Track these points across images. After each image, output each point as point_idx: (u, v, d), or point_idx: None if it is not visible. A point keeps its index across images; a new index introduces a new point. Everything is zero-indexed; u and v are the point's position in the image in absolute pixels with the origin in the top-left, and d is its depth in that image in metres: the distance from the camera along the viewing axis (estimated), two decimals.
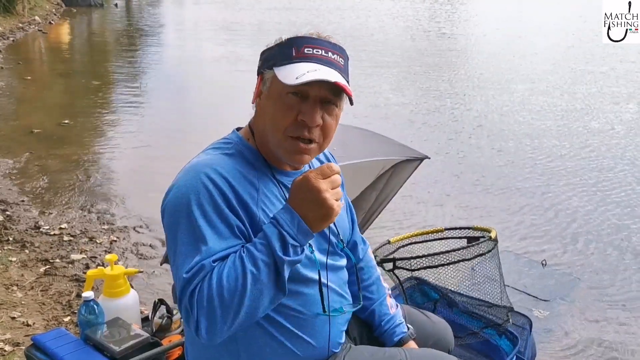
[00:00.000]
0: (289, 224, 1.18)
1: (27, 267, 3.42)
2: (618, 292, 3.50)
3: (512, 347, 2.20)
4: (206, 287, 1.14)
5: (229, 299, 1.14)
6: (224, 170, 1.25)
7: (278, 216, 1.19)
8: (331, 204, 1.17)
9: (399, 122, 6.96)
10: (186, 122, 6.97)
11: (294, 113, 1.27)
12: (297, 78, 1.23)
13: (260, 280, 1.16)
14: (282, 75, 1.26)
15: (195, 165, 1.28)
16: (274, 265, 1.17)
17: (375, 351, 1.51)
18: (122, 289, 2.00)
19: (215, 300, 1.13)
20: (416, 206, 4.62)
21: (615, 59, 11.57)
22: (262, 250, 1.17)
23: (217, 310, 1.14)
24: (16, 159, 5.34)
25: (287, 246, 1.17)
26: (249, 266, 1.15)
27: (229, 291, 1.14)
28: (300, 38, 1.29)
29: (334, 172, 1.19)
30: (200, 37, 14.01)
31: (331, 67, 1.28)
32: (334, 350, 1.45)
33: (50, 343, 1.78)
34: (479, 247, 2.21)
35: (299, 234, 1.18)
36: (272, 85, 1.30)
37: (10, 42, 11.41)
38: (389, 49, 12.24)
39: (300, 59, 1.27)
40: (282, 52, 1.28)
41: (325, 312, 1.36)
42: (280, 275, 1.18)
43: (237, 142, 1.36)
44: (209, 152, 1.34)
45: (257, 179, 1.31)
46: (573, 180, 5.36)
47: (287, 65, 1.27)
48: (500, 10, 21.52)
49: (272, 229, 1.18)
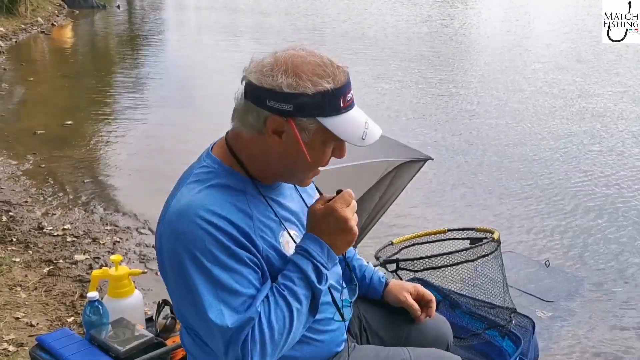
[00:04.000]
0: (320, 255, 1.24)
1: (30, 267, 3.43)
2: (622, 293, 3.50)
3: (514, 348, 2.20)
4: (257, 333, 1.18)
5: (279, 338, 1.20)
6: (217, 208, 1.22)
7: (308, 247, 1.24)
8: (356, 231, 1.26)
9: (400, 122, 6.97)
10: (190, 123, 6.97)
11: (331, 152, 1.31)
12: (363, 139, 1.26)
13: (303, 313, 1.24)
14: (341, 131, 1.24)
15: (184, 209, 1.23)
16: (312, 297, 1.24)
17: (379, 350, 1.52)
18: (127, 290, 2.01)
19: (267, 342, 1.19)
20: (419, 207, 4.62)
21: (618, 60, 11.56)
22: (301, 285, 1.23)
23: (269, 349, 1.20)
24: (19, 160, 5.35)
25: (322, 276, 1.24)
26: (294, 304, 1.21)
27: (279, 331, 1.21)
28: (344, 86, 1.25)
29: (353, 198, 1.27)
30: (203, 40, 14.02)
31: (357, 108, 1.30)
32: (337, 350, 1.46)
33: (55, 343, 1.79)
34: (482, 248, 2.21)
35: (329, 262, 1.25)
36: (317, 135, 1.25)
37: (13, 44, 11.43)
38: (390, 49, 12.25)
39: (347, 108, 1.25)
40: (330, 104, 1.23)
41: (343, 319, 1.37)
42: (317, 303, 1.26)
43: (219, 170, 1.30)
44: (192, 188, 1.27)
45: (249, 206, 1.28)
46: (576, 180, 5.35)
47: (337, 117, 1.24)
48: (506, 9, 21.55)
49: (305, 262, 1.23)
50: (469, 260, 2.19)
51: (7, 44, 11.12)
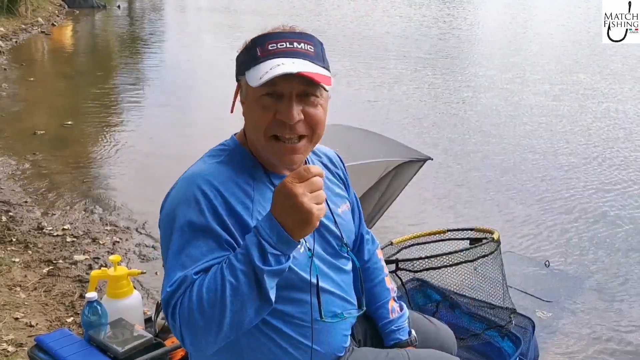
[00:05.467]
0: (268, 233, 1.14)
1: (30, 267, 3.42)
2: (622, 293, 3.49)
3: (514, 348, 2.20)
4: (187, 299, 1.14)
5: (209, 310, 1.12)
6: (216, 181, 1.24)
7: (258, 225, 1.16)
8: (309, 208, 1.11)
9: (401, 122, 6.96)
10: (190, 123, 6.97)
11: (271, 113, 1.25)
12: (260, 78, 1.20)
13: (240, 291, 1.12)
14: (250, 79, 1.24)
15: (189, 175, 1.29)
16: (253, 276, 1.13)
17: (378, 353, 1.51)
18: (126, 290, 2.01)
19: (195, 312, 1.12)
20: (419, 207, 4.61)
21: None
22: (241, 260, 1.14)
23: (199, 322, 1.12)
24: (19, 160, 5.35)
25: (267, 255, 1.13)
26: (228, 277, 1.12)
27: (209, 303, 1.12)
28: (263, 36, 1.27)
29: (311, 174, 1.13)
30: (203, 41, 14.03)
31: (297, 58, 1.24)
32: (338, 354, 1.44)
33: (53, 344, 1.79)
34: (481, 249, 2.22)
35: (279, 242, 1.14)
36: (248, 91, 1.28)
37: (14, 44, 11.43)
38: (392, 49, 12.25)
39: (265, 57, 1.23)
40: (249, 55, 1.26)
41: (323, 319, 1.33)
42: (262, 285, 1.13)
43: (233, 148, 1.35)
44: (205, 160, 1.33)
45: (252, 188, 1.29)
46: (576, 180, 5.35)
47: (255, 67, 1.24)
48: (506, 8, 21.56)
49: (252, 238, 1.15)
50: (469, 260, 2.19)
51: (7, 44, 11.12)
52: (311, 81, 1.23)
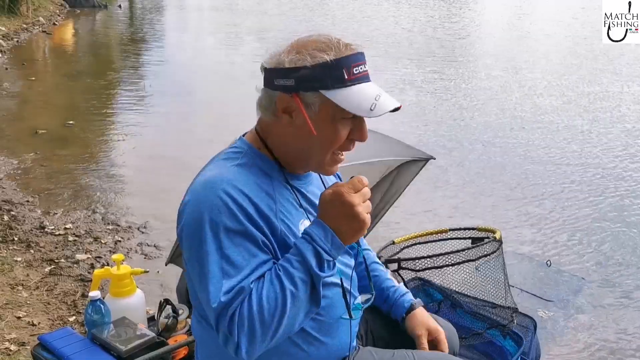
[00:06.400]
0: (322, 240, 1.19)
1: (32, 267, 3.43)
2: (624, 292, 3.50)
3: (516, 348, 2.20)
4: (246, 309, 1.15)
5: (269, 319, 1.15)
6: (241, 185, 1.23)
7: (311, 232, 1.20)
8: (364, 218, 1.20)
9: (403, 121, 6.96)
10: (191, 122, 6.98)
11: (347, 132, 1.29)
12: (371, 110, 1.23)
13: (298, 298, 1.18)
14: (346, 103, 1.23)
15: (210, 180, 1.24)
16: (310, 282, 1.19)
17: (383, 353, 1.51)
18: (129, 289, 2.01)
19: (256, 321, 1.15)
20: (420, 206, 4.61)
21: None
22: (299, 268, 1.18)
23: (258, 331, 1.15)
24: (21, 159, 5.35)
25: (323, 262, 1.19)
26: (288, 285, 1.16)
27: (269, 311, 1.15)
28: (347, 57, 1.24)
29: (364, 185, 1.22)
30: (205, 40, 14.03)
31: (372, 82, 1.28)
32: (345, 354, 1.44)
33: (56, 342, 1.79)
34: (483, 248, 2.22)
35: (332, 249, 1.20)
36: (323, 109, 1.25)
37: (15, 43, 11.44)
38: (393, 48, 12.24)
39: (353, 81, 1.24)
40: (330, 74, 1.23)
41: (352, 317, 1.35)
42: (316, 290, 1.20)
43: (247, 150, 1.33)
44: (221, 164, 1.30)
45: (273, 188, 1.30)
46: (578, 179, 5.35)
47: (343, 89, 1.23)
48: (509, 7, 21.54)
49: (307, 245, 1.19)
50: (471, 259, 2.19)
51: (8, 44, 11.13)
52: None
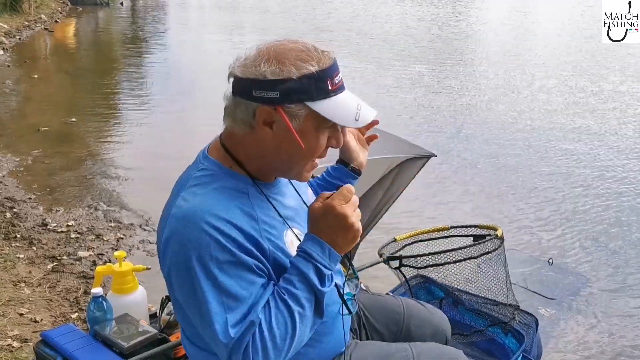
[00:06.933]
0: (321, 256, 1.20)
1: (34, 264, 3.44)
2: (626, 290, 3.50)
3: (518, 345, 2.21)
4: (259, 339, 1.15)
5: (281, 343, 1.17)
6: (222, 213, 1.18)
7: (307, 249, 1.20)
8: (358, 227, 1.20)
9: (404, 119, 6.96)
10: (193, 120, 6.98)
11: (326, 139, 1.28)
12: (356, 120, 1.23)
13: (305, 317, 1.19)
14: (332, 114, 1.22)
15: (189, 215, 1.19)
16: (314, 299, 1.20)
17: (382, 346, 1.52)
18: (131, 286, 2.02)
19: (269, 349, 1.15)
20: (422, 204, 4.62)
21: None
22: (302, 288, 1.19)
23: (272, 356, 1.16)
24: (23, 156, 5.36)
25: (324, 277, 1.20)
26: (295, 307, 1.17)
27: (281, 336, 1.16)
28: (329, 68, 1.22)
29: (352, 193, 1.22)
30: (206, 39, 14.02)
31: (347, 90, 1.28)
32: (340, 350, 1.45)
33: (59, 339, 1.80)
34: (485, 245, 2.21)
35: (331, 262, 1.21)
36: (308, 120, 1.22)
37: (17, 41, 11.44)
38: (398, 46, 12.23)
39: (335, 91, 1.23)
40: (317, 86, 1.20)
41: (351, 312, 1.35)
42: (321, 305, 1.21)
43: (219, 172, 1.27)
44: (195, 191, 1.23)
45: (252, 207, 1.25)
46: (580, 177, 5.35)
47: (326, 100, 1.21)
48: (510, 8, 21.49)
49: (306, 264, 1.19)
50: (472, 257, 2.19)
51: (11, 41, 11.14)
52: None
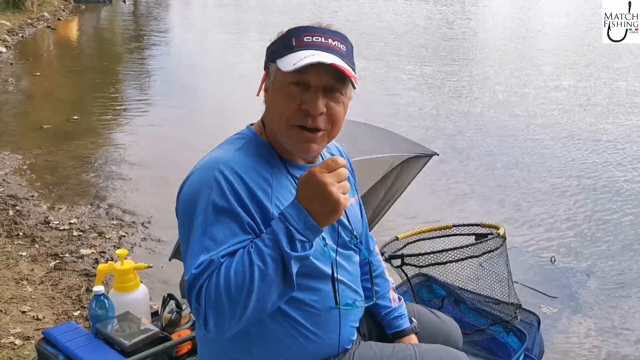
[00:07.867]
0: (296, 220, 1.18)
1: (37, 261, 3.45)
2: (627, 289, 3.49)
3: (520, 344, 2.20)
4: (214, 282, 1.15)
5: (236, 293, 1.14)
6: (237, 166, 1.26)
7: (285, 211, 1.19)
8: (337, 198, 1.17)
9: (407, 118, 6.95)
10: (196, 118, 6.98)
11: (297, 102, 1.28)
12: (294, 64, 1.24)
13: (267, 275, 1.15)
14: (282, 65, 1.27)
15: (209, 160, 1.29)
16: (281, 261, 1.17)
17: (384, 347, 1.52)
18: (132, 284, 2.02)
19: (223, 295, 1.14)
20: (424, 202, 4.61)
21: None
22: (270, 245, 1.17)
23: (225, 305, 1.14)
24: (26, 154, 5.37)
25: (295, 241, 1.17)
26: (257, 261, 1.15)
27: (237, 286, 1.14)
28: (300, 28, 1.31)
29: (338, 165, 1.19)
30: (209, 37, 14.03)
31: (330, 53, 1.28)
32: (346, 347, 1.45)
33: (61, 337, 1.80)
34: (487, 244, 2.21)
35: (306, 229, 1.18)
36: (276, 78, 1.31)
37: (20, 39, 11.46)
38: (404, 44, 12.22)
39: (300, 47, 1.27)
40: (283, 44, 1.30)
41: (338, 305, 1.36)
42: (288, 270, 1.17)
43: (251, 137, 1.37)
44: (224, 148, 1.35)
45: (271, 175, 1.31)
46: (581, 176, 5.34)
47: (288, 55, 1.28)
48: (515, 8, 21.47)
49: (280, 224, 1.18)
50: (474, 256, 2.18)
51: (13, 39, 11.16)
52: (339, 77, 1.28)
